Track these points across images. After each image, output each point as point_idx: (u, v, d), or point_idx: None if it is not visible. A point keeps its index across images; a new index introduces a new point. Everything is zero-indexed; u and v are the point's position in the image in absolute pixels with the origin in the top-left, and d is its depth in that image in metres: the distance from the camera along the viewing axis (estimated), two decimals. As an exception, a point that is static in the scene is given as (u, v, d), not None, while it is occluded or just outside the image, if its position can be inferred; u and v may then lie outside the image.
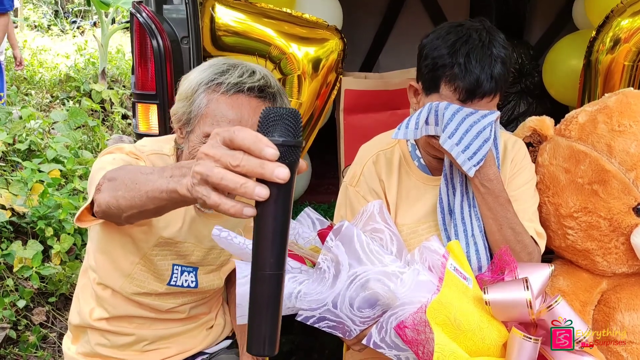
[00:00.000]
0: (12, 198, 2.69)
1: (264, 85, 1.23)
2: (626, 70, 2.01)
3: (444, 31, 1.31)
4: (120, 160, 1.24)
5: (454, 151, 1.24)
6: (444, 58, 1.27)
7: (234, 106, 1.21)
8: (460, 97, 1.26)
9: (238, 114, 1.20)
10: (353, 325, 1.22)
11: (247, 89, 1.21)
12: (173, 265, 1.40)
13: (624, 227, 1.49)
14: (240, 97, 1.21)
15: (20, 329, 2.40)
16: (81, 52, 6.85)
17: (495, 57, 1.26)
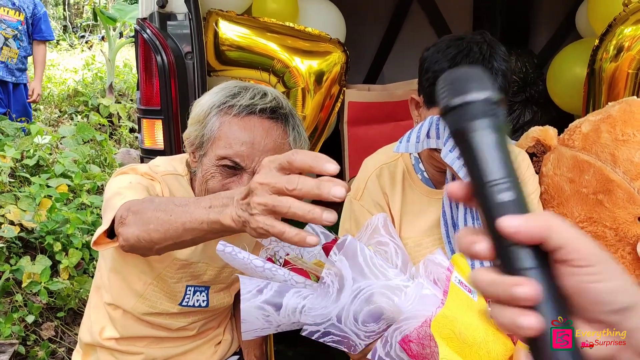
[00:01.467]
0: (20, 213, 2.71)
1: (276, 107, 1.22)
2: (630, 78, 2.00)
3: (444, 45, 1.31)
4: (137, 185, 1.23)
5: (455, 165, 1.24)
6: (445, 72, 1.27)
7: (246, 128, 1.20)
8: None
9: (251, 136, 1.20)
10: (358, 339, 1.22)
11: (259, 110, 1.20)
12: (187, 286, 1.40)
13: (630, 237, 1.48)
14: (252, 118, 1.20)
15: (29, 344, 2.41)
16: (89, 67, 6.93)
17: (497, 70, 1.26)
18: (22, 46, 4.00)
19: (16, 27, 3.93)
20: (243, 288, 1.20)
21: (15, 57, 3.97)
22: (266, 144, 1.19)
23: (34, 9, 4.02)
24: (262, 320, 1.21)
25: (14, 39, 3.94)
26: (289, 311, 1.19)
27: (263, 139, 1.19)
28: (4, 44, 3.90)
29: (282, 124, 1.22)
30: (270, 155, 0.87)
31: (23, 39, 3.99)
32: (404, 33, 3.26)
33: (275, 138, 1.20)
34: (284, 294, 1.20)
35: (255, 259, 1.30)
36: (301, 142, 1.26)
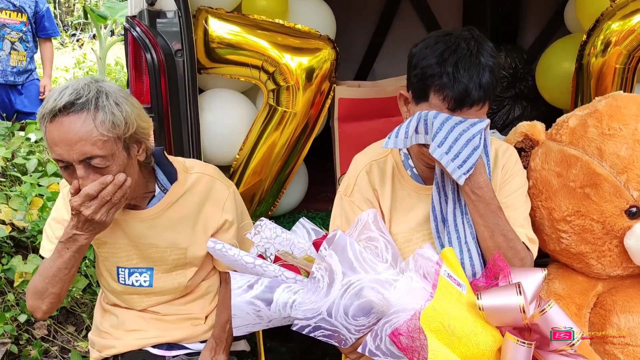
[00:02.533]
0: (11, 213, 2.70)
1: (73, 100, 1.30)
2: (618, 73, 2.02)
3: (432, 40, 1.32)
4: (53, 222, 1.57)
5: (444, 160, 1.25)
6: (432, 67, 1.28)
7: (55, 130, 1.30)
8: (449, 106, 1.27)
9: (60, 135, 1.30)
10: (348, 333, 1.23)
11: (59, 110, 1.29)
12: (117, 267, 1.58)
13: (616, 230, 1.50)
14: (58, 119, 1.30)
15: (22, 343, 2.41)
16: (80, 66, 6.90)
17: (484, 65, 1.27)
18: (29, 47, 3.99)
19: (20, 29, 3.92)
20: (234, 284, 1.21)
21: (24, 59, 3.96)
22: (72, 137, 1.29)
23: (36, 6, 4.00)
24: (254, 315, 1.22)
25: (20, 41, 3.93)
26: (280, 306, 1.20)
27: (68, 133, 1.29)
28: (11, 49, 3.89)
29: (84, 112, 1.30)
30: (82, 145, 1.29)
31: (29, 39, 3.98)
32: (394, 29, 3.27)
33: (79, 129, 1.29)
34: (275, 289, 1.21)
35: (245, 255, 1.31)
36: (118, 119, 1.33)
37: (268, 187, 2.19)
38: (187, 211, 1.54)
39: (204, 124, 2.09)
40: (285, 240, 1.43)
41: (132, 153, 1.40)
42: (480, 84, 1.26)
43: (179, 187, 1.55)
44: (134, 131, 1.37)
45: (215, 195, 1.57)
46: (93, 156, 1.31)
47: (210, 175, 1.60)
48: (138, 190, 1.49)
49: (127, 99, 1.38)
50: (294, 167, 2.21)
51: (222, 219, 1.56)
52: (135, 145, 1.41)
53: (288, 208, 2.48)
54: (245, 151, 2.14)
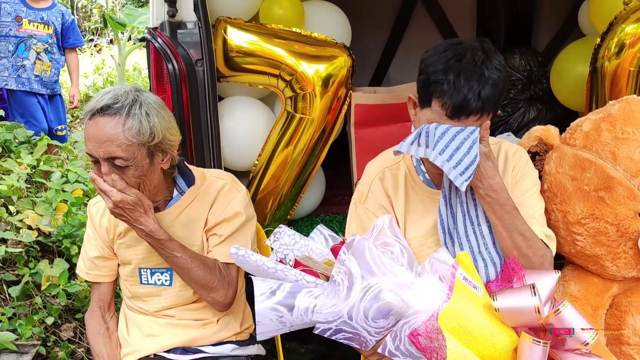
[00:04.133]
0: (38, 218, 2.78)
1: (110, 103, 1.43)
2: (632, 76, 2.03)
3: (442, 48, 1.35)
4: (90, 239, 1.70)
5: (445, 167, 1.27)
6: (437, 74, 1.31)
7: (90, 127, 1.45)
8: (448, 114, 1.30)
9: (92, 133, 1.44)
10: (369, 336, 1.27)
11: (97, 110, 1.43)
12: (140, 269, 1.66)
13: (631, 232, 1.52)
14: (94, 118, 1.44)
15: (49, 345, 2.48)
16: (99, 72, 7.02)
17: (486, 78, 1.28)
18: (54, 58, 4.12)
19: (46, 41, 4.05)
20: (257, 290, 1.26)
21: (48, 70, 4.08)
22: (101, 136, 1.42)
23: (62, 18, 4.15)
24: (277, 321, 1.26)
25: (45, 52, 4.05)
26: (302, 311, 1.24)
27: (99, 132, 1.43)
28: (36, 58, 4.02)
29: (117, 116, 1.43)
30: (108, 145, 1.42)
31: (54, 51, 4.10)
32: (408, 35, 3.30)
33: (108, 130, 1.42)
34: (296, 295, 1.25)
35: (267, 261, 1.35)
36: (144, 128, 1.45)
37: (287, 191, 2.24)
38: (199, 210, 1.62)
39: (224, 130, 2.15)
40: (303, 246, 1.47)
41: (155, 160, 1.51)
42: (479, 96, 1.27)
43: (194, 189, 1.64)
44: (159, 141, 1.47)
45: (223, 196, 1.64)
46: (116, 157, 1.43)
47: (223, 179, 1.68)
48: (159, 194, 1.59)
49: (160, 112, 1.49)
50: (312, 172, 2.25)
51: (221, 216, 1.61)
52: (160, 154, 1.51)
53: (306, 211, 2.52)
54: (264, 157, 2.19)
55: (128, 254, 1.65)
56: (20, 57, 3.99)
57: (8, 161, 3.13)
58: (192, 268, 1.55)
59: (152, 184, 1.53)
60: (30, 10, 4.00)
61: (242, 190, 1.68)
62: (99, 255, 1.67)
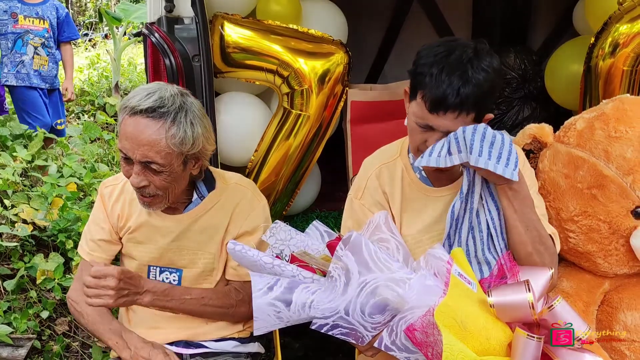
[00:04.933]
0: (33, 212, 2.78)
1: (156, 106, 1.39)
2: (625, 75, 2.06)
3: (437, 43, 1.37)
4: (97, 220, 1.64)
5: (490, 165, 1.25)
6: (424, 67, 1.32)
7: (130, 125, 1.40)
8: (427, 107, 1.31)
9: (131, 132, 1.40)
10: (365, 331, 1.28)
11: (140, 110, 1.39)
12: (149, 266, 1.64)
13: (623, 230, 1.54)
14: (135, 117, 1.40)
15: (44, 338, 2.49)
16: (94, 66, 6.99)
17: (469, 77, 1.28)
18: (51, 52, 4.12)
19: (42, 35, 4.05)
20: (254, 286, 1.27)
21: (46, 64, 4.08)
22: (142, 139, 1.38)
23: (57, 12, 4.15)
24: (274, 317, 1.27)
25: (42, 46, 4.06)
26: (299, 307, 1.25)
27: (139, 134, 1.39)
28: (34, 53, 4.04)
29: (161, 121, 1.39)
30: (147, 149, 1.37)
31: (51, 45, 4.11)
32: (404, 32, 3.31)
33: (150, 134, 1.38)
34: (294, 290, 1.26)
35: (264, 256, 1.36)
36: (187, 138, 1.41)
37: (283, 187, 2.25)
38: (219, 218, 1.61)
39: (220, 126, 2.15)
40: (299, 242, 1.47)
41: (187, 167, 1.49)
42: (458, 92, 1.27)
43: (215, 195, 1.62)
44: (197, 150, 1.45)
45: (244, 205, 1.63)
46: (153, 161, 1.40)
47: (245, 186, 1.67)
48: (180, 196, 1.58)
49: (202, 120, 1.46)
50: (308, 168, 2.26)
51: (242, 228, 1.62)
52: (193, 160, 1.49)
53: (302, 207, 2.54)
54: (260, 152, 2.20)
55: (137, 250, 1.64)
56: (18, 52, 4.00)
57: (3, 155, 3.13)
58: (207, 304, 1.58)
59: (180, 188, 1.52)
60: (25, 6, 4.02)
61: (263, 201, 1.68)
62: (105, 238, 1.64)
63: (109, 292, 1.42)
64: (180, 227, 1.59)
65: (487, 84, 1.30)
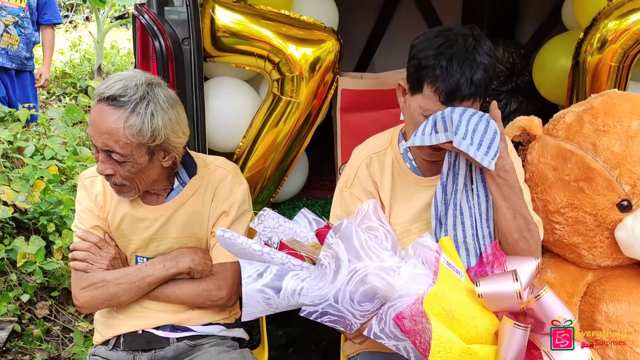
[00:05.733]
0: (14, 195, 2.74)
1: (118, 95, 1.39)
2: (612, 71, 2.08)
3: (432, 34, 1.37)
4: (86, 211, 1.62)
5: (471, 150, 1.28)
6: (428, 59, 1.33)
7: (94, 112, 1.42)
8: (441, 99, 1.32)
9: (94, 120, 1.42)
10: (354, 319, 1.29)
11: (104, 98, 1.40)
12: (136, 256, 1.64)
13: (608, 222, 1.57)
14: (99, 105, 1.41)
15: (24, 322, 2.46)
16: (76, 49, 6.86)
17: (478, 63, 1.31)
18: (24, 33, 3.93)
19: (17, 14, 3.87)
20: (244, 272, 1.26)
21: (15, 44, 3.88)
22: (102, 127, 1.39)
23: None
24: (263, 303, 1.27)
25: (14, 25, 3.87)
26: (289, 294, 1.25)
27: (101, 122, 1.40)
28: (4, 31, 3.83)
29: (121, 110, 1.39)
30: (107, 138, 1.38)
31: (25, 25, 3.91)
32: (394, 22, 3.30)
33: (110, 123, 1.39)
34: (283, 277, 1.26)
35: (253, 244, 1.36)
36: (145, 129, 1.40)
37: (270, 174, 2.23)
38: (202, 203, 1.61)
39: (209, 111, 2.13)
40: (288, 229, 1.48)
41: (155, 158, 1.48)
42: (472, 81, 1.30)
43: (197, 180, 1.62)
44: (161, 142, 1.44)
45: (224, 186, 1.63)
46: (113, 151, 1.40)
47: (227, 169, 1.66)
48: (157, 184, 1.57)
49: (167, 112, 1.44)
50: (296, 156, 2.25)
51: (221, 208, 1.62)
52: (162, 152, 1.48)
53: (288, 195, 2.53)
54: (248, 139, 2.18)
55: (123, 241, 1.64)
56: None
57: (-17, 136, 3.07)
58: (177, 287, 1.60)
59: (149, 179, 1.51)
60: None
61: (244, 184, 1.67)
62: (97, 224, 1.63)
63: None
64: (164, 216, 1.59)
65: (492, 67, 1.33)
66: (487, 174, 1.37)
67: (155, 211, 1.60)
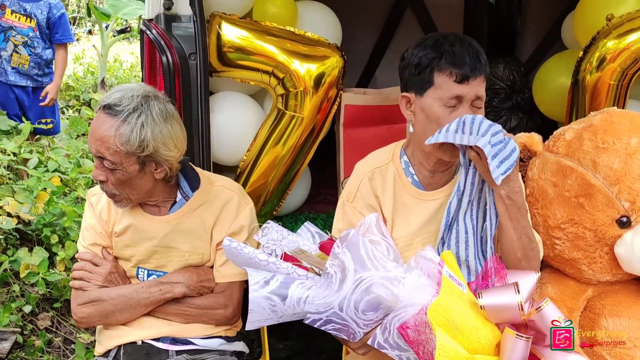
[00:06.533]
0: (18, 206, 2.75)
1: (114, 104, 1.46)
2: (611, 89, 2.11)
3: (422, 40, 1.44)
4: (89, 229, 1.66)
5: (487, 150, 1.28)
6: (429, 54, 1.38)
7: (94, 121, 1.50)
8: (457, 79, 1.35)
9: (92, 127, 1.49)
10: (357, 328, 1.31)
11: (102, 107, 1.48)
12: (138, 267, 1.66)
13: (607, 238, 1.59)
14: (98, 113, 1.49)
15: (26, 333, 2.46)
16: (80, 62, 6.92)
17: (474, 46, 1.39)
18: (34, 52, 3.91)
19: (27, 34, 3.86)
20: (251, 279, 1.29)
21: (26, 63, 3.88)
22: (97, 133, 1.46)
23: (49, 12, 3.92)
24: (269, 310, 1.29)
25: (23, 45, 3.86)
26: (294, 301, 1.27)
27: (97, 129, 1.47)
28: (13, 51, 3.84)
29: (114, 119, 1.45)
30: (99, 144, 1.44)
31: (35, 45, 3.89)
32: (396, 40, 3.35)
33: (103, 130, 1.45)
34: (289, 285, 1.29)
35: (259, 254, 1.38)
36: (133, 137, 1.44)
37: (273, 188, 2.26)
38: (206, 219, 1.63)
39: (214, 125, 2.16)
40: (291, 242, 1.50)
41: (147, 169, 1.51)
42: (477, 57, 1.37)
43: (200, 195, 1.64)
44: (149, 153, 1.47)
45: (231, 207, 1.66)
46: (104, 157, 1.46)
47: (232, 190, 1.69)
48: (155, 196, 1.60)
49: (158, 125, 1.47)
50: (300, 170, 2.28)
51: (230, 229, 1.64)
52: (153, 164, 1.51)
53: (291, 209, 2.55)
54: (252, 152, 2.21)
55: (125, 252, 1.66)
56: None
57: (-12, 147, 3.09)
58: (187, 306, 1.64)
59: (142, 189, 1.54)
60: (15, 0, 3.81)
61: (250, 204, 1.70)
62: (99, 242, 1.67)
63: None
64: (167, 228, 1.61)
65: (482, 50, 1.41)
66: (497, 194, 1.38)
67: (158, 222, 1.62)
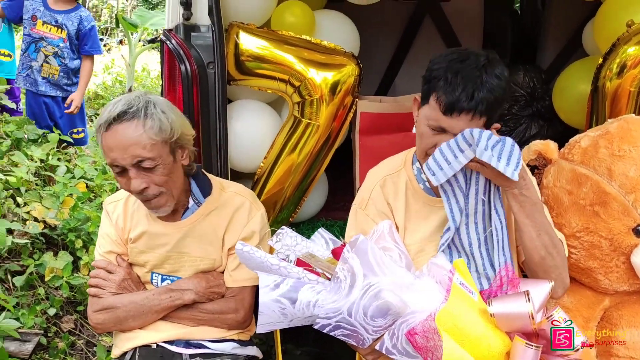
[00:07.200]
0: (44, 211, 2.84)
1: (125, 110, 1.47)
2: (632, 96, 2.08)
3: (450, 51, 1.43)
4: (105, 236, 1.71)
5: (493, 161, 1.29)
6: (438, 71, 1.38)
7: (110, 137, 1.47)
8: (441, 109, 1.35)
9: (114, 142, 1.46)
10: (366, 334, 1.31)
11: (113, 119, 1.46)
12: (152, 272, 1.69)
13: (624, 247, 1.57)
14: (112, 127, 1.46)
15: (50, 335, 2.52)
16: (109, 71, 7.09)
17: (483, 81, 1.33)
18: (64, 63, 3.98)
19: (57, 45, 3.93)
20: (261, 282, 1.31)
21: (56, 73, 3.96)
22: (125, 142, 1.45)
23: (80, 24, 3.99)
24: (279, 313, 1.31)
25: (54, 55, 3.93)
26: (304, 305, 1.29)
27: (122, 139, 1.46)
28: (44, 61, 3.91)
29: (134, 120, 1.46)
30: (134, 149, 1.44)
31: (65, 55, 3.96)
32: (415, 47, 3.36)
33: (131, 134, 1.45)
34: (299, 289, 1.30)
35: (271, 258, 1.40)
36: (164, 125, 1.49)
37: (290, 194, 2.28)
38: (218, 225, 1.66)
39: (232, 132, 2.20)
40: (304, 248, 1.51)
41: (177, 157, 1.55)
42: (472, 96, 1.32)
43: (212, 201, 1.67)
44: (178, 137, 1.53)
45: (243, 213, 1.68)
46: (143, 158, 1.46)
47: (244, 196, 1.72)
48: (181, 197, 1.63)
49: (172, 109, 1.55)
50: (316, 177, 2.30)
51: (241, 235, 1.66)
52: (179, 150, 1.56)
53: (308, 215, 2.57)
54: (269, 159, 2.24)
55: (141, 258, 1.70)
56: (29, 57, 3.90)
57: (17, 154, 3.19)
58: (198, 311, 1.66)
59: (178, 182, 1.57)
60: (47, 11, 3.90)
61: (261, 209, 1.73)
62: (114, 250, 1.71)
63: None
64: (179, 233, 1.64)
65: (499, 90, 1.35)
66: (509, 193, 1.38)
67: (172, 228, 1.66)
